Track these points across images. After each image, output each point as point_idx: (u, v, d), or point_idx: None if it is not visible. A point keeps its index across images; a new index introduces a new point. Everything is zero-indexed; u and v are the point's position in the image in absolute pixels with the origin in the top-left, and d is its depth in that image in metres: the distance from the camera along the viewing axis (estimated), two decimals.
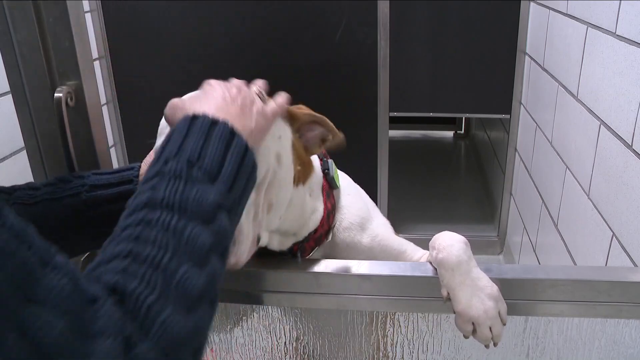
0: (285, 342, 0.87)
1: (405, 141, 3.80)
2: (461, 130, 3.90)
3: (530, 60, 2.15)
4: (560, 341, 0.80)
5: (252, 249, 0.64)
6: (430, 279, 0.73)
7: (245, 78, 0.69)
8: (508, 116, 2.34)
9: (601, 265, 1.28)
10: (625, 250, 1.17)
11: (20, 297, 0.33)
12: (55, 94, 0.75)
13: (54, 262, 0.37)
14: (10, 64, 0.75)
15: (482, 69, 2.30)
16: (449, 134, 3.94)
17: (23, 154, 0.82)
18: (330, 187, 0.83)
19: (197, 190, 0.46)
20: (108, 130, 2.30)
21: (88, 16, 2.16)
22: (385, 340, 0.83)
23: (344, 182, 0.87)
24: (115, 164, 1.71)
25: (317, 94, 1.74)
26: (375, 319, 0.82)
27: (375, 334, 0.83)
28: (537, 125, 2.00)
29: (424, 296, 0.75)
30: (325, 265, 0.77)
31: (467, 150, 3.75)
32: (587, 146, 1.42)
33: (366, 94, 2.22)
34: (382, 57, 2.16)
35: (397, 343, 0.83)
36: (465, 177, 3.44)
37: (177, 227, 0.44)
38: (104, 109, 2.27)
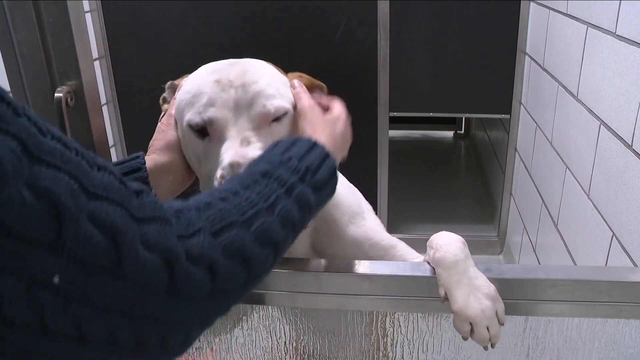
0: (285, 342, 0.87)
1: (405, 141, 3.80)
2: (461, 130, 3.90)
3: (530, 60, 2.15)
4: (560, 341, 0.80)
5: None
6: (430, 279, 0.73)
7: None
8: (508, 116, 2.34)
9: (601, 265, 1.28)
10: (625, 250, 1.17)
11: (85, 194, 0.39)
12: (55, 94, 0.75)
13: (98, 162, 0.43)
14: (10, 64, 0.75)
15: (482, 69, 2.30)
16: (449, 134, 3.94)
17: None
18: None
19: (303, 189, 0.58)
20: (108, 130, 2.31)
21: (88, 16, 2.16)
22: (385, 340, 0.83)
23: (340, 178, 0.88)
24: None
25: None
26: (375, 319, 0.82)
27: (375, 334, 0.84)
28: (537, 125, 2.00)
29: (424, 296, 0.75)
30: (325, 265, 0.77)
31: (467, 150, 3.75)
32: (587, 146, 1.42)
33: (366, 94, 2.23)
34: (382, 57, 2.16)
35: (397, 343, 0.83)
36: (465, 177, 3.44)
37: (280, 196, 0.55)
38: (104, 109, 2.27)
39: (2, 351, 0.37)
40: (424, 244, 0.77)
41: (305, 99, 0.75)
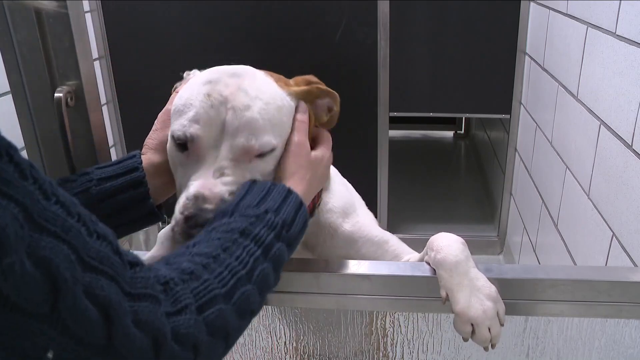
0: (285, 342, 0.87)
1: (405, 141, 3.80)
2: (461, 130, 3.90)
3: (530, 60, 2.15)
4: (560, 341, 0.80)
5: None
6: (430, 279, 0.73)
7: None
8: (508, 116, 2.34)
9: (601, 265, 1.28)
10: (625, 250, 1.17)
11: (81, 266, 0.40)
12: (55, 94, 0.75)
13: (98, 230, 0.44)
14: (10, 64, 0.75)
15: (482, 69, 2.30)
16: (449, 134, 3.94)
17: (23, 154, 0.81)
18: None
19: (280, 247, 0.61)
20: (108, 130, 2.31)
21: (88, 16, 2.16)
22: (385, 340, 0.83)
23: (334, 171, 0.88)
24: None
25: None
26: (375, 319, 0.82)
27: (375, 333, 0.84)
28: (537, 125, 2.00)
29: (423, 296, 0.75)
30: (325, 265, 0.77)
31: (467, 150, 3.75)
32: (587, 146, 1.42)
33: (366, 94, 2.23)
34: (382, 57, 2.16)
35: (397, 343, 0.83)
36: (465, 177, 3.44)
37: (258, 258, 0.58)
38: (104, 109, 2.27)
39: None
40: (424, 244, 0.77)
41: (299, 135, 0.71)
